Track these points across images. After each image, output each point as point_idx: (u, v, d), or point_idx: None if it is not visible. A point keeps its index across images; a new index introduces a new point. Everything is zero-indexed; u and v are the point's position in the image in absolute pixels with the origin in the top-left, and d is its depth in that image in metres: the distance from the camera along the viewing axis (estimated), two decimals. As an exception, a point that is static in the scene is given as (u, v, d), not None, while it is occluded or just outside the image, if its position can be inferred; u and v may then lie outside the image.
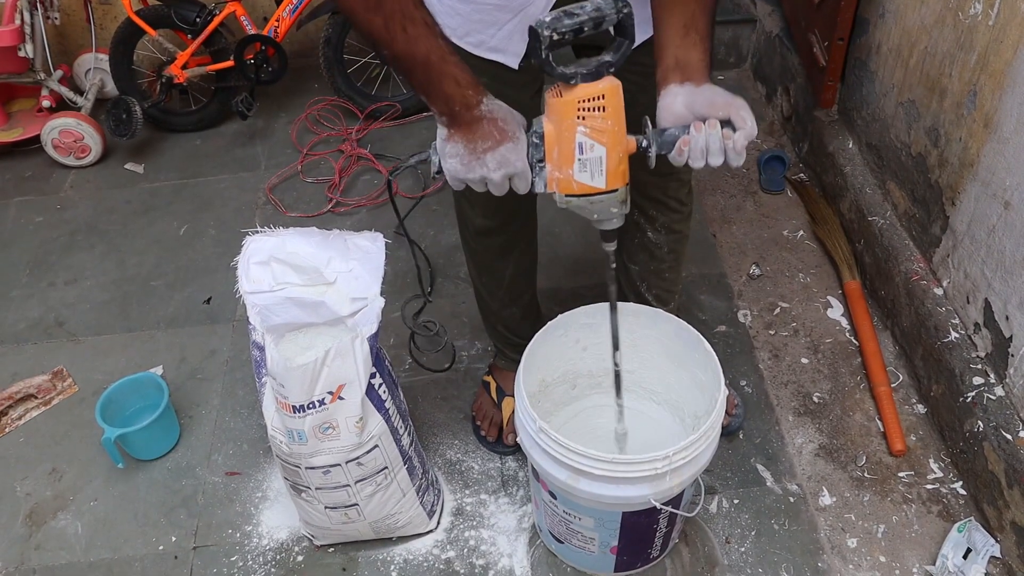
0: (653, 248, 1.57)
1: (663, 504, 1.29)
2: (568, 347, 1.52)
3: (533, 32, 0.91)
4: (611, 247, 1.15)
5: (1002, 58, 1.50)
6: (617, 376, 1.33)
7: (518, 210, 1.52)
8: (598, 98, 0.95)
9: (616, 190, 1.02)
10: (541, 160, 1.02)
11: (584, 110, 0.95)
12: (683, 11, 1.03)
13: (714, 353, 1.36)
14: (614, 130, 0.97)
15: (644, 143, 1.01)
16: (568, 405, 1.64)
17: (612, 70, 0.96)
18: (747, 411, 1.81)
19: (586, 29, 0.92)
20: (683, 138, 0.99)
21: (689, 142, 0.99)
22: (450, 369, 1.90)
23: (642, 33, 1.08)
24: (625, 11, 0.93)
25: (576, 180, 1.00)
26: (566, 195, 1.03)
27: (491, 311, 1.72)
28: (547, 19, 0.91)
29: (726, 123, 0.99)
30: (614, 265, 1.18)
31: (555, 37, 0.91)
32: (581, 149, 0.97)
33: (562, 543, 1.50)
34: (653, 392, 1.60)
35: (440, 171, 1.07)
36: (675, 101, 1.02)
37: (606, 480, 1.25)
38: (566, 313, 1.45)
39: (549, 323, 1.44)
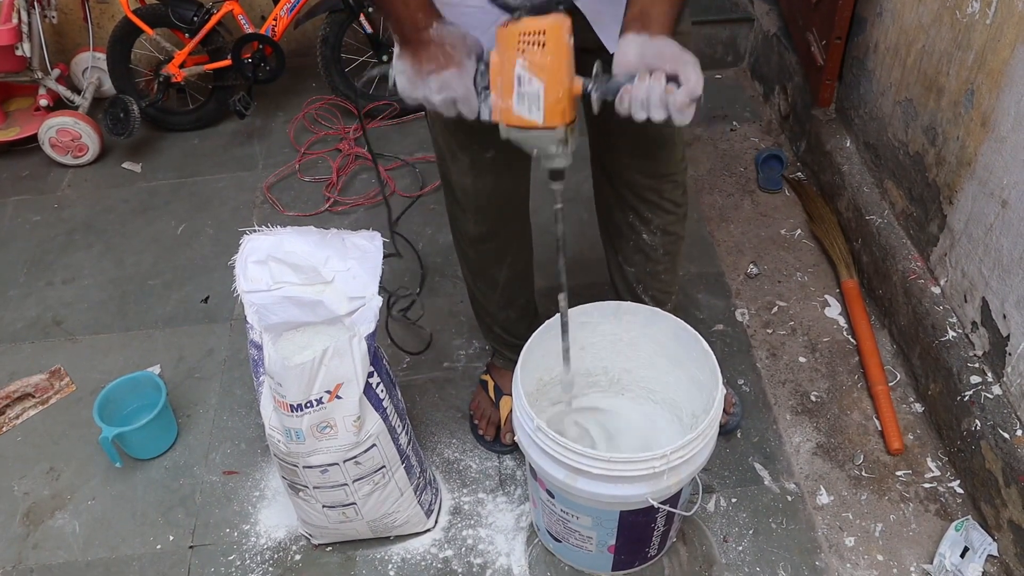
0: (648, 250, 1.57)
1: (661, 503, 1.29)
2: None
3: None
4: (557, 186, 1.14)
5: (999, 57, 1.50)
6: (563, 320, 1.31)
7: (511, 215, 1.53)
8: (539, 33, 0.96)
9: (555, 128, 1.01)
10: (487, 87, 1.04)
11: (525, 43, 0.97)
12: None
13: (712, 352, 1.36)
14: (553, 67, 0.97)
15: (588, 87, 1.01)
16: (558, 405, 1.63)
17: (561, 7, 0.97)
18: (745, 410, 1.81)
19: None
20: (626, 86, 0.99)
21: (631, 91, 0.99)
22: (426, 351, 1.95)
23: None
24: None
25: (515, 112, 1.01)
26: (507, 125, 1.04)
27: (487, 313, 1.71)
28: None
29: (673, 79, 0.98)
30: (559, 206, 1.16)
31: None
32: (520, 81, 0.98)
33: (560, 542, 1.50)
34: (651, 391, 1.60)
35: (395, 87, 1.10)
36: (629, 49, 1.02)
37: (604, 479, 1.25)
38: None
39: (546, 322, 1.44)
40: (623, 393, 1.64)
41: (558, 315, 1.44)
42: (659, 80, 0.97)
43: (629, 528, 1.39)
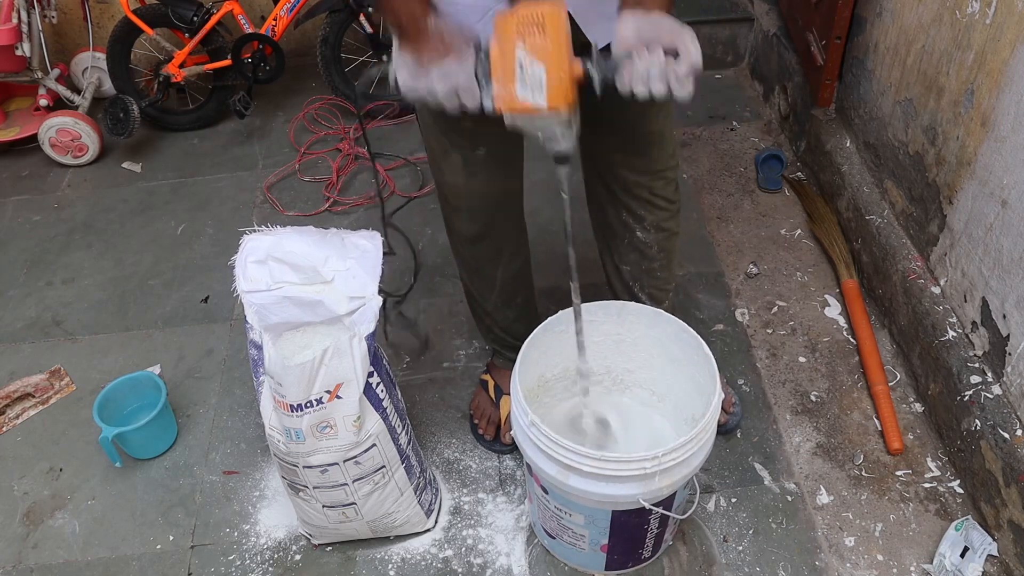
0: (643, 247, 1.57)
1: (653, 505, 1.29)
2: (568, 344, 1.52)
3: None
4: (563, 171, 1.15)
5: (999, 57, 1.50)
6: (577, 315, 1.31)
7: (504, 214, 1.52)
8: (538, 17, 0.98)
9: (558, 110, 1.03)
10: (489, 77, 1.05)
11: (524, 29, 0.98)
12: None
13: (712, 356, 1.36)
14: (552, 50, 0.99)
15: (588, 66, 1.03)
16: (567, 401, 1.63)
17: None
18: (745, 410, 1.81)
19: None
20: (625, 62, 1.01)
21: (631, 67, 1.01)
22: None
23: (607, 37, 1.11)
24: None
25: (517, 97, 1.02)
26: (511, 111, 1.05)
27: (486, 313, 1.71)
28: None
29: (672, 52, 1.00)
30: (565, 194, 1.17)
31: None
32: (521, 67, 1.00)
33: (554, 539, 1.50)
34: (653, 392, 1.60)
35: (396, 84, 1.11)
36: (626, 27, 1.03)
37: (595, 477, 1.25)
38: (567, 310, 1.45)
39: (549, 319, 1.44)
40: (625, 393, 1.64)
41: (559, 313, 1.44)
42: (658, 54, 0.99)
43: (621, 528, 1.39)
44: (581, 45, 1.21)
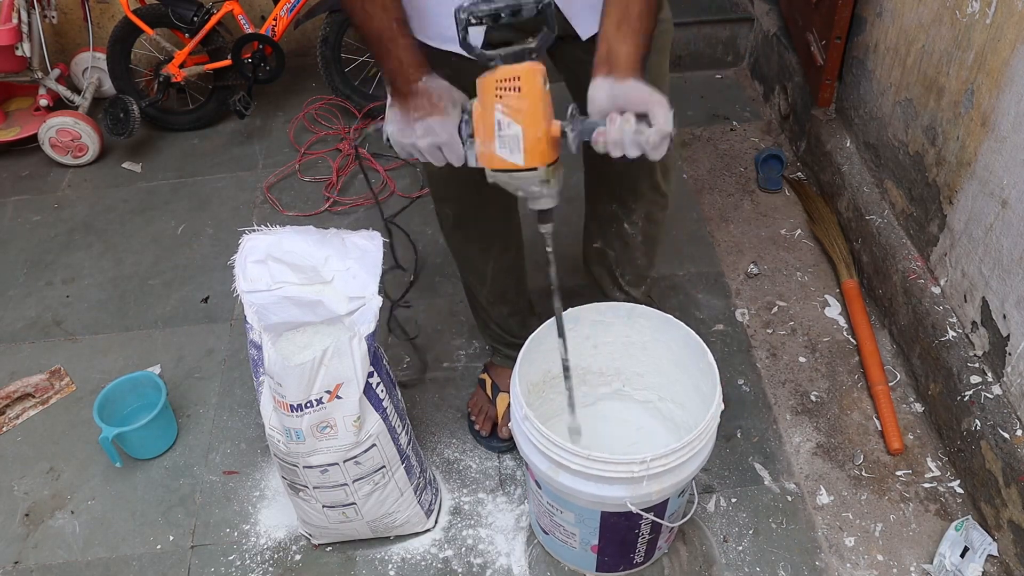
0: (627, 237, 1.59)
1: (644, 511, 1.29)
2: (578, 342, 1.52)
3: (455, 15, 1.00)
4: (546, 228, 1.17)
5: (999, 57, 1.50)
6: (565, 368, 1.31)
7: (488, 202, 1.52)
8: (514, 79, 1.00)
9: (535, 169, 1.05)
10: (472, 135, 1.09)
11: (502, 89, 1.01)
12: (619, 4, 1.08)
13: (715, 367, 1.35)
14: (530, 110, 1.02)
15: (566, 128, 1.05)
16: (576, 400, 1.63)
17: (534, 56, 1.02)
18: (745, 410, 1.81)
19: (503, 16, 0.99)
20: (599, 129, 1.04)
21: (604, 133, 1.03)
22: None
23: (591, 28, 1.14)
24: (544, 2, 0.99)
25: (497, 155, 1.06)
26: (492, 169, 1.08)
27: (480, 307, 1.73)
28: (466, 3, 0.99)
29: (643, 117, 1.03)
30: (550, 249, 1.19)
31: (472, 20, 1.00)
32: (500, 126, 1.03)
33: (548, 535, 1.51)
34: (661, 397, 1.60)
35: (388, 140, 1.18)
36: (599, 93, 1.06)
37: (584, 476, 1.25)
38: (577, 308, 1.45)
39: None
40: (631, 397, 1.64)
41: (572, 310, 1.43)
42: (629, 122, 1.01)
43: (611, 530, 1.39)
44: (570, 37, 1.24)
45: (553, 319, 1.42)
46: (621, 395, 1.64)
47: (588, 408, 1.65)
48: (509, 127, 1.03)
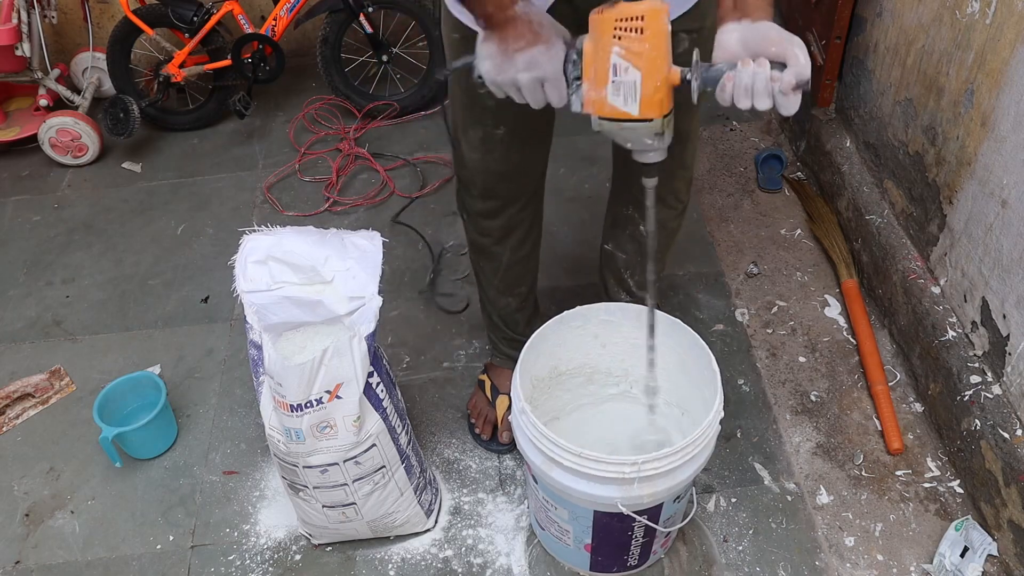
0: (642, 240, 1.58)
1: (636, 513, 1.29)
2: (586, 340, 1.52)
3: None
4: (651, 183, 1.09)
5: (999, 56, 1.50)
6: (650, 323, 1.27)
7: (516, 194, 1.51)
8: (637, 19, 0.91)
9: (651, 120, 0.97)
10: (579, 78, 0.99)
11: (621, 30, 0.92)
12: None
13: (718, 374, 1.34)
14: (651, 54, 0.92)
15: (688, 76, 0.96)
16: (584, 399, 1.64)
17: None
18: (745, 410, 1.81)
19: None
20: (728, 74, 0.95)
21: (733, 79, 0.95)
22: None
23: None
24: None
25: (609, 102, 0.96)
26: (599, 117, 0.99)
27: (488, 298, 1.71)
28: None
29: (777, 65, 0.94)
30: (650, 204, 1.12)
31: None
32: (615, 71, 0.94)
33: (544, 530, 1.51)
34: (668, 402, 1.59)
35: (480, 75, 1.05)
36: (730, 37, 0.99)
37: (576, 474, 1.25)
38: (585, 306, 1.45)
39: (566, 312, 1.43)
40: (638, 400, 1.63)
41: (577, 308, 1.42)
42: (764, 65, 0.93)
43: (604, 530, 1.39)
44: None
45: (561, 315, 1.42)
46: (628, 397, 1.64)
47: (595, 408, 1.65)
48: (626, 72, 0.93)
